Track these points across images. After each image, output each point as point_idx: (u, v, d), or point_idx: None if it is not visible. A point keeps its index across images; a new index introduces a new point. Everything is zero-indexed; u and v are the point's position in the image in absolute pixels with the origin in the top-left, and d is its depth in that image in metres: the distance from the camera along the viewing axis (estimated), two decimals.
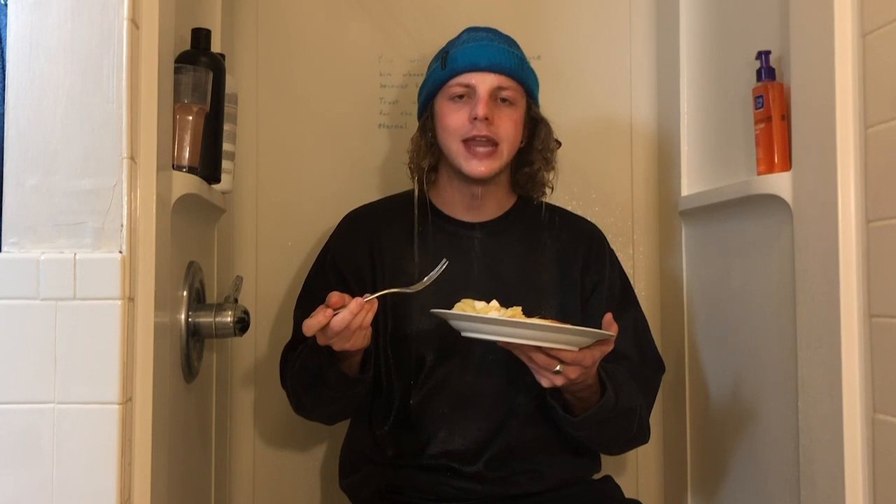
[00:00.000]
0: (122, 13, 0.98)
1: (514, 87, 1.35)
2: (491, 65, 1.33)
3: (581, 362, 1.13)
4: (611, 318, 1.17)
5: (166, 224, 1.09)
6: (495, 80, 1.33)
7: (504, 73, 1.33)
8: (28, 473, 0.95)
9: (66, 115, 0.98)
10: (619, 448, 1.45)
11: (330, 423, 1.48)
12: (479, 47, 1.34)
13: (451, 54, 1.36)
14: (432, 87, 1.38)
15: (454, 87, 1.34)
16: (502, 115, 1.33)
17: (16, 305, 0.96)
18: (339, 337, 1.14)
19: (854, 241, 1.09)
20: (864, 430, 1.08)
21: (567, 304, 1.39)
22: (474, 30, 1.41)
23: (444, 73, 1.35)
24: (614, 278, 1.44)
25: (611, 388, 1.23)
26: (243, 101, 1.67)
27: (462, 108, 1.33)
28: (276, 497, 1.77)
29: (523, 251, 1.41)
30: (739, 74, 1.43)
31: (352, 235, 1.44)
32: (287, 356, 1.41)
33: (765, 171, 1.28)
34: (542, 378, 1.15)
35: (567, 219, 1.49)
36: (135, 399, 1.00)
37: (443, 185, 1.42)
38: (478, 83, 1.32)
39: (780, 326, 1.28)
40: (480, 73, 1.32)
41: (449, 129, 1.34)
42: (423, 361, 1.36)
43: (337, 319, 1.12)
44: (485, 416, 1.35)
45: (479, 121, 1.30)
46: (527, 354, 1.14)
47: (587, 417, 1.24)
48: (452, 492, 1.33)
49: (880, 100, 1.06)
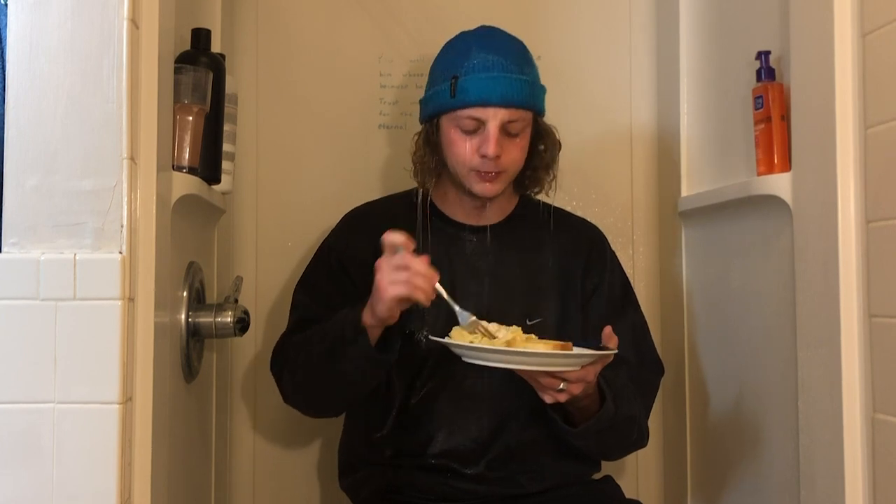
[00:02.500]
0: (122, 13, 0.98)
1: (524, 117, 1.32)
2: (504, 100, 1.29)
3: (584, 378, 1.14)
4: (610, 332, 1.17)
5: (166, 224, 1.09)
6: (506, 115, 1.29)
7: (515, 106, 1.30)
8: (28, 473, 0.95)
9: (66, 116, 0.98)
10: (618, 454, 1.45)
11: (323, 412, 1.44)
12: (491, 80, 1.30)
13: (460, 83, 1.31)
14: (439, 108, 1.35)
15: (464, 119, 1.30)
16: (510, 145, 1.32)
17: (16, 306, 0.96)
18: (395, 272, 1.13)
19: (854, 242, 1.09)
20: (864, 430, 1.08)
21: (567, 305, 1.39)
22: (483, 49, 1.34)
23: (453, 102, 1.31)
24: (614, 281, 1.44)
25: (610, 398, 1.23)
26: (243, 101, 1.67)
27: (471, 139, 1.31)
28: (276, 497, 1.77)
29: (525, 253, 1.42)
30: (739, 75, 1.43)
31: (354, 233, 1.43)
32: (286, 340, 1.38)
33: (764, 171, 1.28)
34: (545, 395, 1.16)
35: (568, 221, 1.49)
36: (135, 399, 1.00)
37: (446, 189, 1.42)
38: (488, 119, 1.29)
39: (780, 327, 1.28)
40: (492, 109, 1.29)
41: (457, 156, 1.33)
42: (425, 362, 1.36)
43: (413, 257, 1.13)
44: (485, 417, 1.35)
45: (488, 160, 1.29)
46: (531, 377, 1.15)
47: (587, 428, 1.24)
48: (453, 492, 1.33)
49: (880, 100, 1.06)
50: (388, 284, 1.14)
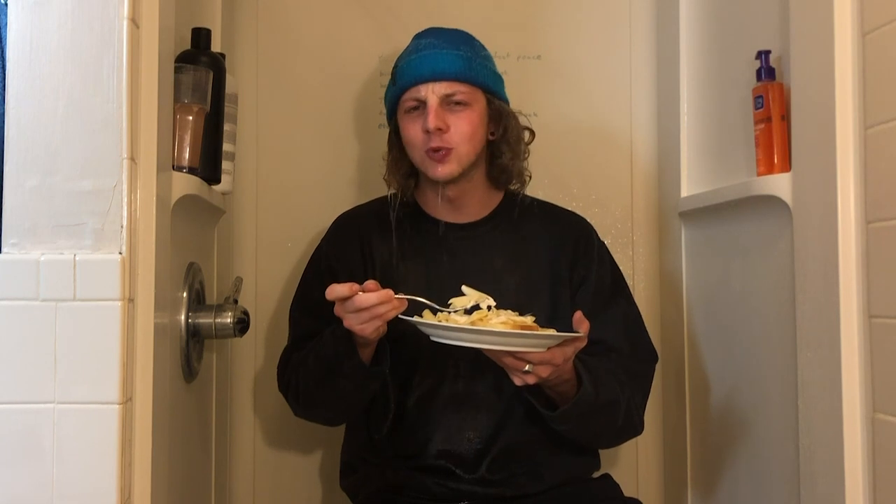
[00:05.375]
0: (122, 13, 0.98)
1: (465, 89, 1.34)
2: (435, 73, 1.33)
3: (551, 361, 1.14)
4: (581, 317, 1.17)
5: (166, 225, 1.09)
6: (442, 88, 1.32)
7: (450, 78, 1.33)
8: (28, 473, 0.95)
9: (67, 116, 0.98)
10: (608, 441, 1.43)
11: (332, 423, 1.48)
12: (422, 58, 1.35)
13: (398, 69, 1.37)
14: (390, 103, 1.40)
15: (407, 101, 1.35)
16: (456, 118, 1.33)
17: (16, 306, 0.96)
18: (356, 315, 1.14)
19: (854, 242, 1.09)
20: (864, 429, 1.08)
21: (557, 299, 1.39)
22: (419, 36, 1.41)
23: (395, 89, 1.37)
24: (603, 272, 1.43)
25: (588, 382, 1.23)
26: (243, 101, 1.67)
27: (417, 119, 1.34)
28: (276, 497, 1.77)
29: (512, 249, 1.41)
30: (739, 74, 1.43)
31: (343, 238, 1.45)
32: (288, 358, 1.40)
33: (764, 171, 1.28)
34: (514, 377, 1.17)
35: (554, 213, 1.49)
36: (135, 399, 1.00)
37: (425, 188, 1.43)
38: (426, 94, 1.32)
39: (779, 327, 1.28)
40: (426, 84, 1.32)
41: (409, 142, 1.36)
42: (417, 364, 1.36)
43: (363, 297, 1.13)
44: (482, 418, 1.35)
45: (431, 133, 1.31)
46: (496, 357, 1.16)
47: (566, 411, 1.24)
48: (452, 493, 1.33)
49: (880, 100, 1.06)
50: (358, 326, 1.16)
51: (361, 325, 1.15)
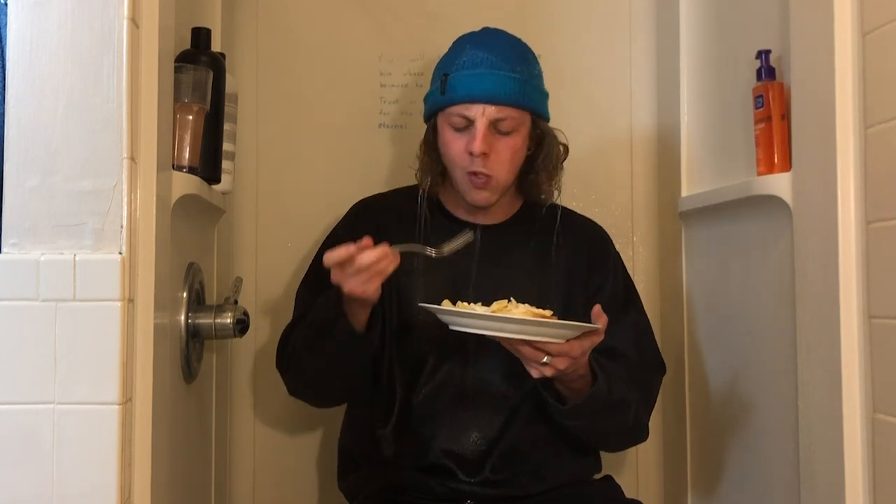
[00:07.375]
0: (122, 13, 0.98)
1: (515, 115, 1.32)
2: (488, 96, 1.29)
3: (569, 353, 1.14)
4: (599, 310, 1.17)
5: (166, 225, 1.09)
6: (493, 112, 1.30)
7: (502, 102, 1.30)
8: (28, 473, 0.95)
9: (66, 116, 0.98)
10: (615, 442, 1.44)
11: (322, 398, 1.45)
12: (477, 76, 1.31)
13: (450, 79, 1.33)
14: (432, 106, 1.37)
15: (453, 116, 1.32)
16: (500, 146, 1.31)
17: (16, 306, 0.96)
18: (357, 276, 1.14)
19: (854, 242, 1.09)
20: (864, 430, 1.08)
21: (572, 306, 1.39)
22: (475, 47, 1.35)
23: (443, 99, 1.34)
24: (617, 281, 1.44)
25: (602, 379, 1.23)
26: (243, 101, 1.67)
27: (461, 137, 1.32)
28: (276, 497, 1.77)
29: (529, 253, 1.42)
30: (739, 74, 1.43)
31: (362, 223, 1.43)
32: (289, 334, 1.39)
33: (765, 171, 1.28)
34: (531, 369, 1.16)
35: (573, 220, 1.49)
36: (135, 399, 1.00)
37: (451, 187, 1.42)
38: (475, 116, 1.30)
39: (779, 327, 1.28)
40: (478, 105, 1.29)
41: (450, 156, 1.34)
42: (426, 360, 1.36)
43: (364, 255, 1.13)
44: (488, 418, 1.35)
45: (475, 157, 1.30)
46: (515, 347, 1.15)
47: (578, 406, 1.24)
48: (453, 493, 1.33)
49: (880, 100, 1.06)
50: (361, 288, 1.16)
51: (364, 286, 1.15)
